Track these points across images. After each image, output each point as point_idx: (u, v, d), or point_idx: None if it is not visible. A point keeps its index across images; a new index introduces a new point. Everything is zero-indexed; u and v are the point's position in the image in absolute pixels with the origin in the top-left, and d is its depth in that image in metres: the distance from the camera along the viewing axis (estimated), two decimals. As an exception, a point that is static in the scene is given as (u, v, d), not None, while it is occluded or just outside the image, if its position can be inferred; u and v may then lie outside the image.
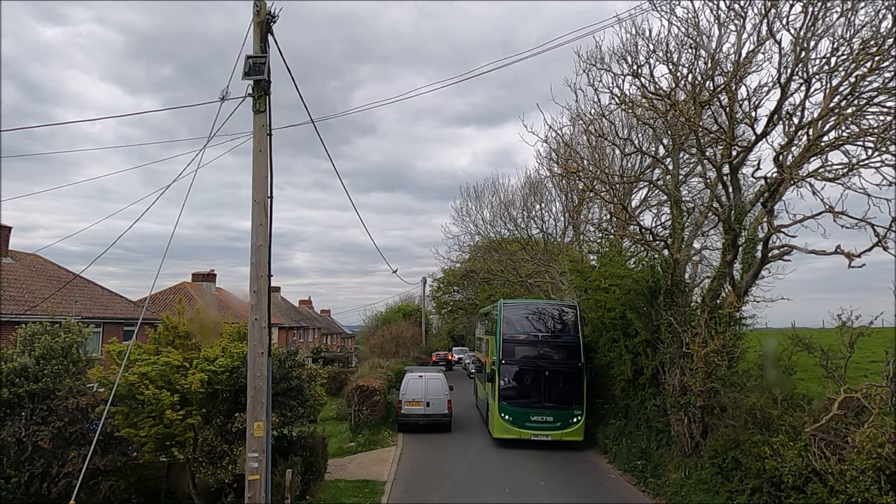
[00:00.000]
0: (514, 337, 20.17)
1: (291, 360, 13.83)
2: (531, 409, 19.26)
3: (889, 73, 12.00)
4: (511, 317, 20.67)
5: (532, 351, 19.88)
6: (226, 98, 9.02)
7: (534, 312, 20.98)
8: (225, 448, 11.63)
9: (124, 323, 23.90)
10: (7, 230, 22.37)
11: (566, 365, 19.47)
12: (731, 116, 13.64)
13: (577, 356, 19.47)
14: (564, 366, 19.48)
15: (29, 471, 11.50)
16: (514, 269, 32.56)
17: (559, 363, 19.55)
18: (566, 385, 19.39)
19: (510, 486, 14.77)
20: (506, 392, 19.50)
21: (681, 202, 17.89)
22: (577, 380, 19.36)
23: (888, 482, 8.65)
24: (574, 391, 19.30)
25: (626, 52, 15.69)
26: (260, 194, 9.01)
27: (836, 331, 11.12)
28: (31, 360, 12.33)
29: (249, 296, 9.01)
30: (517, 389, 19.60)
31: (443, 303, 55.56)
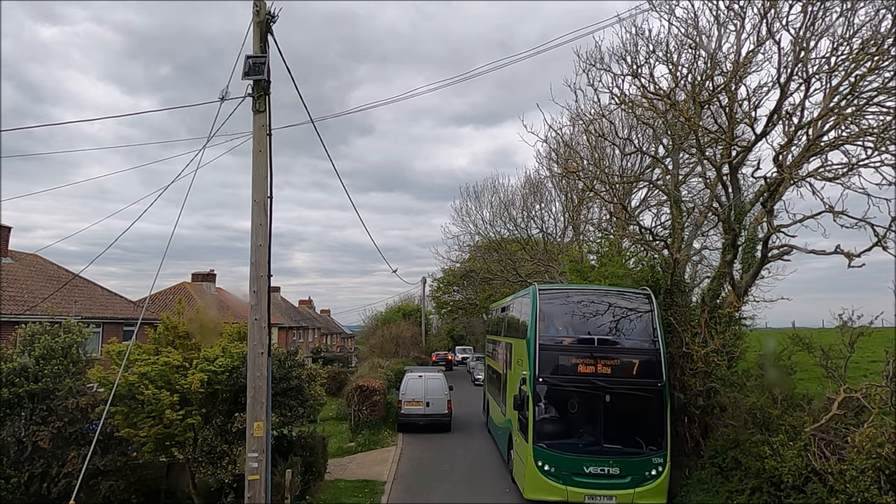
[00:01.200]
0: (558, 342, 13.53)
1: (291, 360, 13.84)
2: (585, 455, 12.55)
3: (889, 73, 12.00)
4: (551, 311, 14.13)
5: (585, 363, 12.90)
6: (225, 98, 9.03)
7: (585, 304, 14.24)
8: (225, 448, 11.63)
9: (124, 323, 23.89)
10: (7, 230, 22.36)
11: (640, 385, 12.72)
12: (731, 116, 13.65)
13: (656, 371, 12.75)
14: (637, 386, 12.72)
15: (29, 471, 11.50)
16: (514, 269, 32.54)
17: (628, 382, 12.75)
18: (640, 416, 12.83)
19: (510, 486, 14.77)
20: (545, 428, 12.77)
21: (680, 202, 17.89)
22: (656, 407, 12.59)
23: (888, 482, 8.65)
24: (653, 426, 12.64)
25: (625, 52, 15.69)
26: (260, 194, 9.01)
27: (836, 331, 11.13)
28: (31, 360, 12.33)
29: (249, 296, 9.01)
30: (563, 424, 12.92)
31: (442, 303, 55.51)
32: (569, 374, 12.83)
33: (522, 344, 13.97)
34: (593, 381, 12.63)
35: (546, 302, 14.01)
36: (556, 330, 13.95)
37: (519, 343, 14.85)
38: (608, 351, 13.09)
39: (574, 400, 12.80)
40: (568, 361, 13.00)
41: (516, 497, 13.73)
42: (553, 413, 12.94)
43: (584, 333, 13.46)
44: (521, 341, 14.22)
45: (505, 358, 17.68)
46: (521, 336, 14.64)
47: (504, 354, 17.97)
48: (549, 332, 13.65)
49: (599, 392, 12.56)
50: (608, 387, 12.57)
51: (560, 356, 13.13)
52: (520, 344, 14.56)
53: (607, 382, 12.59)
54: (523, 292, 16.29)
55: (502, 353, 18.45)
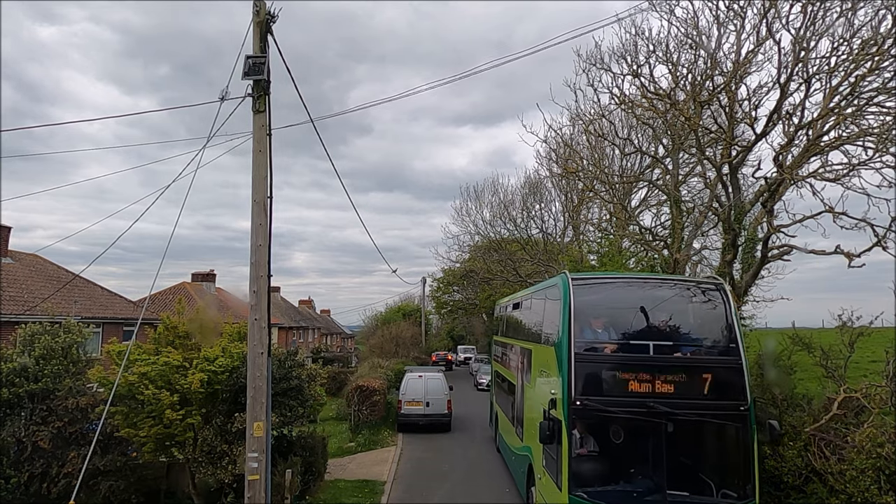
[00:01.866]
0: (600, 350, 9.93)
1: (291, 360, 13.83)
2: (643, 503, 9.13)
3: (889, 73, 12.01)
4: (590, 308, 10.35)
5: (639, 379, 9.39)
6: (225, 98, 9.02)
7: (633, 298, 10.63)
8: (225, 448, 11.62)
9: (124, 323, 23.88)
10: (7, 230, 22.36)
11: (715, 408, 9.26)
12: (731, 116, 13.66)
13: (737, 388, 9.31)
14: (711, 410, 9.27)
15: (29, 471, 11.50)
16: (514, 269, 32.56)
17: (699, 405, 9.25)
18: (716, 453, 9.78)
19: (510, 486, 14.76)
20: (584, 469, 9.32)
21: (680, 202, 17.90)
22: (739, 440, 9.28)
23: (888, 482, 8.66)
24: (734, 465, 9.36)
25: (625, 52, 15.71)
26: (260, 194, 9.00)
27: (836, 331, 11.13)
28: (31, 360, 12.33)
29: (249, 296, 9.00)
30: (609, 464, 9.49)
31: (442, 303, 55.59)
32: (616, 394, 9.21)
33: (548, 352, 10.57)
34: (650, 403, 9.01)
35: (582, 296, 10.04)
36: (596, 333, 10.14)
37: (542, 350, 11.34)
38: (669, 362, 9.51)
39: (624, 431, 9.22)
40: (614, 377, 9.35)
41: (516, 497, 13.72)
42: (595, 449, 9.38)
43: (635, 338, 9.81)
44: (546, 348, 10.87)
45: (520, 366, 14.07)
46: (545, 341, 11.24)
47: (519, 362, 14.35)
48: (586, 336, 9.91)
49: (659, 420, 8.99)
50: (671, 412, 8.99)
51: (604, 370, 9.51)
52: (544, 351, 11.21)
53: (670, 405, 9.01)
54: (548, 283, 12.47)
55: (516, 360, 14.86)
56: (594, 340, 10.04)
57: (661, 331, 10.02)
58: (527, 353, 13.19)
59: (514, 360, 15.27)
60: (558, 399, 9.57)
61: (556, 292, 10.79)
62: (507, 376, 16.49)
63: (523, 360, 13.69)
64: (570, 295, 9.88)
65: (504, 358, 17.63)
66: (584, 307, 10.06)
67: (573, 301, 9.80)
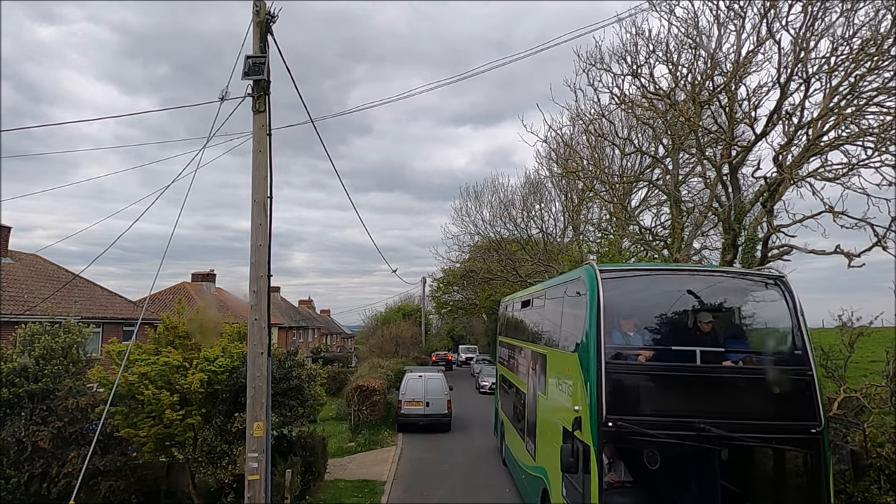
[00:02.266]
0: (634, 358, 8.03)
1: (291, 360, 13.84)
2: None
3: (889, 73, 12.01)
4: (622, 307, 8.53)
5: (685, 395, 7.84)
6: (225, 98, 9.02)
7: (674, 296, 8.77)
8: (225, 448, 11.63)
9: (124, 323, 23.89)
10: (7, 230, 22.37)
11: (780, 431, 7.58)
12: (731, 116, 13.67)
13: (806, 406, 7.60)
14: (775, 433, 7.58)
15: (29, 471, 11.50)
16: (514, 269, 32.57)
17: (760, 426, 7.55)
18: (782, 486, 8.06)
19: (509, 486, 14.77)
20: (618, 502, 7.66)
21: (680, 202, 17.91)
22: (810, 470, 7.61)
23: (888, 482, 8.66)
24: (802, 499, 7.86)
25: (625, 52, 15.71)
26: (259, 194, 9.00)
27: (836, 331, 11.13)
28: (31, 360, 12.33)
29: (249, 296, 9.00)
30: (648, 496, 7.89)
31: (442, 303, 55.62)
32: (657, 413, 7.49)
33: (568, 359, 8.78)
34: (699, 424, 7.19)
35: (613, 291, 8.14)
36: (628, 338, 8.26)
37: (560, 357, 9.59)
38: (722, 372, 7.71)
39: (667, 459, 7.55)
40: (655, 391, 7.68)
41: (516, 497, 13.72)
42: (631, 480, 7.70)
43: (678, 343, 7.96)
44: (566, 355, 9.03)
45: (531, 372, 12.30)
46: (563, 345, 9.48)
47: (529, 367, 12.54)
48: (617, 340, 8.09)
49: (710, 445, 7.19)
50: (725, 435, 7.20)
51: (641, 382, 7.73)
52: (562, 358, 9.40)
53: (723, 427, 7.20)
54: (567, 277, 10.36)
55: (526, 365, 13.05)
56: (628, 346, 8.10)
57: (710, 334, 8.19)
58: (539, 358, 11.46)
59: (524, 365, 13.34)
60: (584, 418, 7.67)
61: (578, 287, 8.81)
62: (515, 382, 14.57)
63: (535, 365, 11.90)
64: (599, 290, 7.86)
65: (511, 361, 15.71)
66: (616, 305, 8.13)
67: (603, 299, 7.81)
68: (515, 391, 14.50)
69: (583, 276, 8.73)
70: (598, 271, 8.19)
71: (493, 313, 51.78)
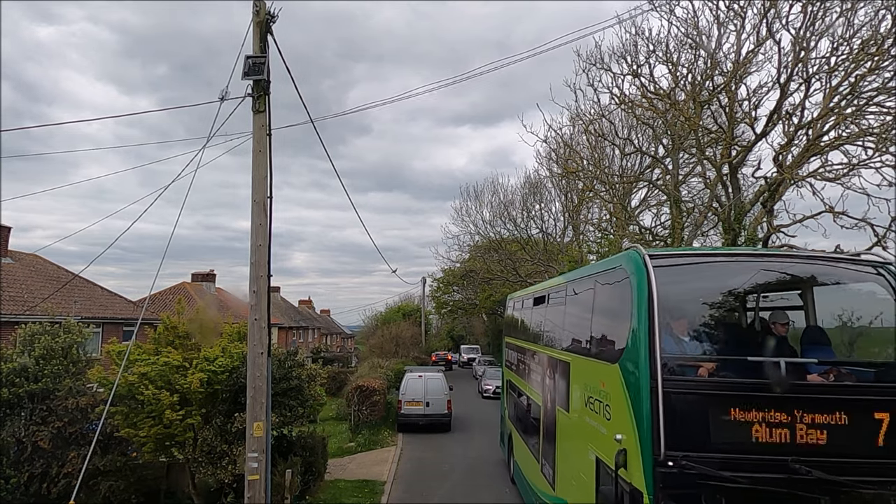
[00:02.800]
0: (691, 372, 5.92)
1: (291, 360, 13.83)
2: None
3: (889, 73, 12.02)
4: (676, 304, 6.40)
5: (769, 422, 5.44)
6: (225, 98, 9.02)
7: (744, 288, 7.51)
8: (225, 448, 11.62)
9: (124, 323, 23.88)
10: (7, 230, 22.37)
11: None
12: (731, 116, 13.67)
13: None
14: (891, 477, 5.29)
15: (28, 471, 11.50)
16: (514, 269, 32.59)
17: (871, 466, 5.33)
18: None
19: (509, 486, 14.77)
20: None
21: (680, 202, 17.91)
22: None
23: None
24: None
25: (625, 52, 15.72)
26: (259, 194, 9.00)
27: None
28: (31, 360, 12.34)
29: (249, 296, 9.00)
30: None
31: (442, 303, 55.64)
32: (734, 448, 5.52)
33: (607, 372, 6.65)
34: (794, 464, 5.36)
35: (667, 284, 6.11)
36: (683, 344, 6.34)
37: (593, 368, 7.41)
38: (817, 393, 5.76)
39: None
40: (728, 418, 5.57)
41: (516, 497, 13.72)
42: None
43: (744, 350, 6.21)
44: (603, 366, 6.89)
45: (548, 382, 10.17)
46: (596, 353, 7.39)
47: (547, 377, 10.34)
48: (672, 348, 6.12)
49: (809, 492, 5.33)
50: (827, 479, 5.27)
51: (712, 407, 5.66)
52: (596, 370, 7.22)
53: (823, 467, 5.31)
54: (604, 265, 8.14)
55: (541, 373, 10.85)
56: (687, 355, 6.13)
57: (783, 339, 6.59)
58: (560, 366, 9.20)
59: (537, 372, 11.28)
60: (631, 453, 5.74)
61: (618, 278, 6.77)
62: (526, 390, 12.57)
63: (553, 374, 9.73)
64: (652, 283, 5.81)
65: (521, 366, 13.59)
66: (671, 302, 6.14)
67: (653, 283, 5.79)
68: (527, 401, 12.39)
69: (626, 263, 6.53)
70: (646, 257, 6.04)
71: (493, 313, 51.79)
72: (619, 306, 6.71)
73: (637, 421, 5.71)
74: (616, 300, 6.92)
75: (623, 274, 6.61)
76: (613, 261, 7.48)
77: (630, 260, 6.50)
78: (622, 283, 6.60)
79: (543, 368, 10.76)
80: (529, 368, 12.51)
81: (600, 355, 7.16)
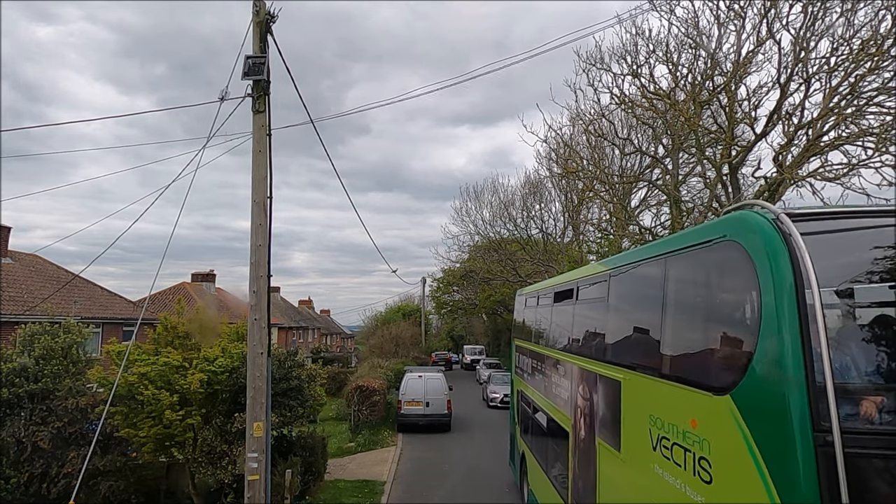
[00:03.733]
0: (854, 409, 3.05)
1: (291, 360, 13.83)
2: None
3: (889, 73, 12.02)
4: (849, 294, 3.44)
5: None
6: (225, 98, 9.02)
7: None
8: (224, 448, 11.62)
9: (124, 323, 23.88)
10: (7, 230, 22.37)
11: None
12: (731, 116, 13.67)
13: None
14: None
15: (28, 471, 11.49)
16: (514, 269, 32.59)
17: None
18: None
19: (509, 486, 14.76)
20: None
21: (680, 202, 17.91)
22: None
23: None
24: None
25: (625, 52, 15.72)
26: (259, 194, 9.00)
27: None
28: (31, 360, 12.33)
29: (249, 296, 9.00)
30: None
31: (442, 303, 55.67)
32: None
33: (707, 407, 4.06)
34: None
35: (824, 259, 3.42)
36: (854, 361, 3.45)
37: (675, 396, 4.65)
38: None
39: None
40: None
41: (516, 497, 13.72)
42: None
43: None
44: (698, 396, 4.22)
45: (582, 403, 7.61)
46: (684, 377, 4.60)
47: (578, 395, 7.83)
48: (848, 368, 3.40)
49: None
50: None
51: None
52: (679, 400, 4.57)
53: None
54: (696, 235, 4.74)
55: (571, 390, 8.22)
56: (857, 382, 3.43)
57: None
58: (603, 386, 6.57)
59: (564, 388, 8.63)
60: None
61: (724, 257, 4.21)
62: (548, 409, 9.76)
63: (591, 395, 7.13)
64: (805, 263, 3.38)
65: (537, 377, 10.92)
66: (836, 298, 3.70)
67: (815, 277, 3.31)
68: (548, 422, 9.79)
69: (744, 234, 3.88)
70: (786, 221, 3.59)
71: (493, 313, 51.79)
72: (729, 304, 4.20)
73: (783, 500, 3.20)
74: (722, 293, 4.34)
75: (737, 252, 3.90)
76: (710, 229, 4.44)
77: (751, 227, 3.79)
78: (734, 266, 4.00)
79: (574, 385, 7.95)
80: (550, 381, 9.67)
81: (689, 379, 4.50)
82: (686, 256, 4.84)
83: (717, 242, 4.25)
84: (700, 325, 4.70)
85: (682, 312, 5.02)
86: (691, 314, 4.89)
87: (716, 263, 4.39)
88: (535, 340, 11.78)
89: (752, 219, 3.83)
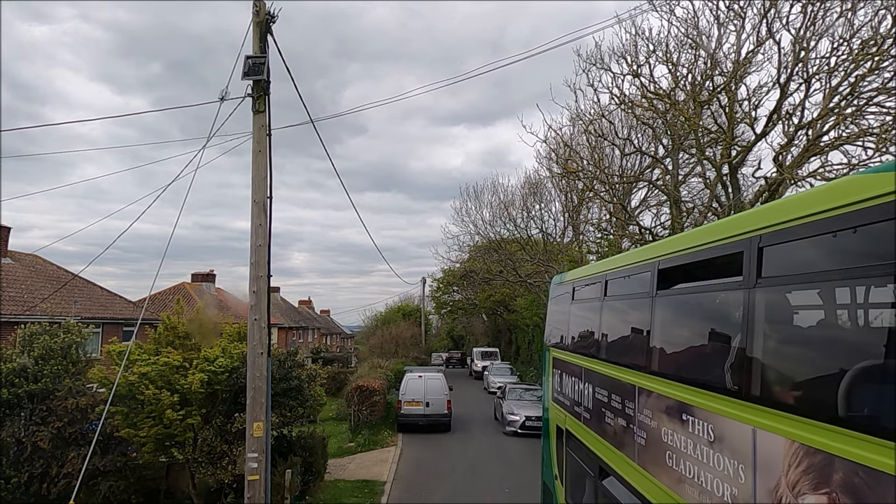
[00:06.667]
0: None
1: (291, 360, 13.84)
2: None
3: (889, 73, 12.02)
4: None
5: None
6: (225, 98, 9.01)
7: None
8: (224, 448, 11.62)
9: (124, 323, 23.87)
10: (6, 230, 22.36)
11: None
12: (731, 116, 13.67)
13: None
14: None
15: (28, 471, 11.48)
16: (514, 270, 32.59)
17: None
18: None
19: (509, 486, 14.77)
20: None
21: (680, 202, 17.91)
22: None
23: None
24: None
25: (625, 52, 15.72)
26: (259, 195, 8.99)
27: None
28: (31, 360, 12.32)
29: (249, 296, 8.99)
30: None
31: (442, 303, 55.69)
32: None
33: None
34: None
35: None
36: None
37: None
38: None
39: None
40: None
41: (516, 497, 13.72)
42: None
43: None
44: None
45: (743, 479, 3.51)
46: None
47: (729, 463, 3.67)
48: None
49: None
50: None
51: None
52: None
53: None
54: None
55: (753, 483, 3.43)
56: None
57: None
58: (768, 445, 3.35)
59: (734, 475, 3.67)
60: None
61: None
62: (629, 478, 5.68)
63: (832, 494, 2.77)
64: None
65: (612, 423, 6.36)
66: None
67: None
68: (627, 495, 5.71)
69: None
70: None
71: (493, 313, 51.78)
72: None
73: None
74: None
75: None
76: None
77: None
78: None
79: (757, 463, 3.53)
80: (670, 442, 4.78)
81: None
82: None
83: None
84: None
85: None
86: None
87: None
88: (609, 358, 6.82)
89: None
